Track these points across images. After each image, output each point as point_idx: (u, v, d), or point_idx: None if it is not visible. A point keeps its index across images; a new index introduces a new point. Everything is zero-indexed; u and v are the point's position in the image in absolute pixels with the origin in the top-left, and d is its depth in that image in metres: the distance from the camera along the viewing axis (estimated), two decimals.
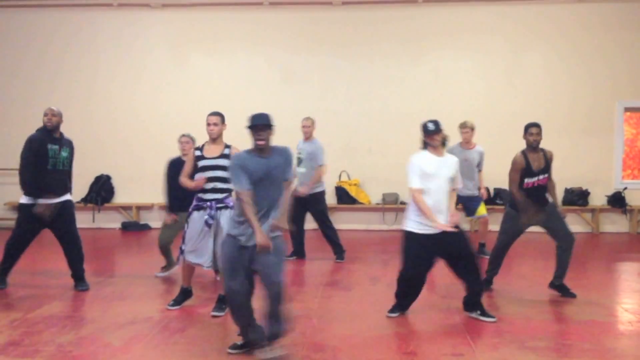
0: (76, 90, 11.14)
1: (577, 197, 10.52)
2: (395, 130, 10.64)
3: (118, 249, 9.23)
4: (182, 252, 5.46)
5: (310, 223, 8.13)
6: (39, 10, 11.18)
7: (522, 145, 10.92)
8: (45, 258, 7.76)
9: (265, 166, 4.15)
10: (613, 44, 10.63)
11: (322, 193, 7.89)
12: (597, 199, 10.66)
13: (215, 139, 5.34)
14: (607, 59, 10.63)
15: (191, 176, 5.41)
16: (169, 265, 6.85)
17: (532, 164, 6.00)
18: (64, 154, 6.17)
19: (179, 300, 5.61)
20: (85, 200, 10.92)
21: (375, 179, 10.91)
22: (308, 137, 7.80)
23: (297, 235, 7.92)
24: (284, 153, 4.29)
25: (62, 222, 6.23)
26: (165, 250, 6.80)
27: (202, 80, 11.08)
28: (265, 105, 10.60)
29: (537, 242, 9.77)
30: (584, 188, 10.60)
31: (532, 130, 6.03)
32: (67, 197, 6.26)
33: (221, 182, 5.29)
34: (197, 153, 5.38)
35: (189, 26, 11.13)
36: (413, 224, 5.05)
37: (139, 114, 10.99)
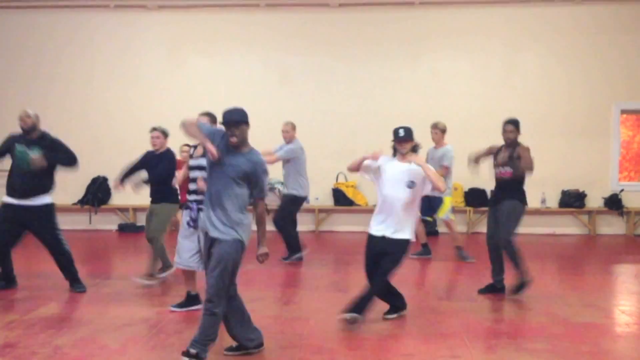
0: (73, 91, 11.13)
1: (574, 199, 10.54)
2: (390, 131, 10.62)
3: (115, 251, 9.21)
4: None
5: (303, 225, 8.12)
6: (35, 12, 11.18)
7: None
8: (42, 260, 7.73)
9: (229, 158, 4.05)
10: (609, 46, 10.67)
11: (298, 198, 7.85)
12: (594, 200, 10.68)
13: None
14: (604, 61, 10.66)
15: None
16: (165, 267, 6.77)
17: (499, 156, 6.19)
18: (33, 155, 5.99)
19: (182, 304, 5.57)
20: (81, 201, 10.89)
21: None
22: (288, 141, 7.89)
23: (292, 235, 7.91)
24: (252, 161, 4.09)
25: (38, 226, 6.15)
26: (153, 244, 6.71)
27: (199, 82, 11.07)
28: (262, 107, 10.73)
29: (533, 244, 9.81)
30: (580, 190, 10.62)
31: (505, 128, 6.18)
32: (41, 199, 6.12)
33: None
34: (190, 152, 5.40)
35: (186, 28, 11.13)
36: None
37: (135, 115, 10.97)
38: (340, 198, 10.78)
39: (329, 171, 10.60)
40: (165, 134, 6.66)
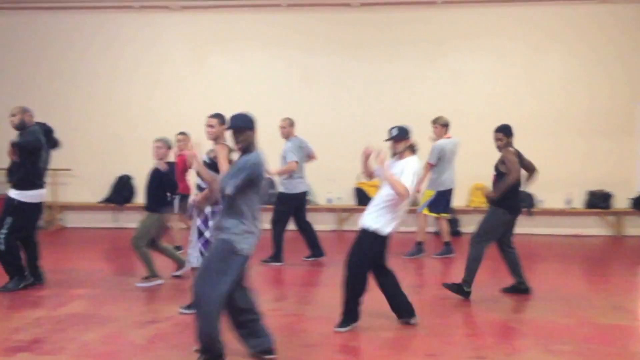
0: (96, 91, 11.26)
1: (600, 200, 10.39)
2: (413, 131, 10.59)
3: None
4: None
5: (325, 224, 8.12)
6: (58, 13, 11.30)
7: (540, 147, 10.86)
8: (69, 257, 7.86)
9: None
10: (631, 46, 10.50)
11: (291, 196, 7.76)
12: (620, 201, 10.51)
13: (213, 140, 5.37)
14: (625, 61, 10.49)
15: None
16: (179, 266, 6.87)
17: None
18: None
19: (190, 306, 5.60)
20: (107, 200, 11.02)
21: None
22: (285, 137, 7.80)
23: (308, 236, 7.91)
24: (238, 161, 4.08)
25: None
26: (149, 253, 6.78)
27: (220, 82, 11.14)
28: (282, 107, 10.77)
29: (558, 244, 9.71)
30: (606, 191, 10.47)
31: (494, 135, 6.31)
32: (10, 192, 6.21)
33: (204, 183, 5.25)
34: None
35: (208, 28, 11.20)
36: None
37: (158, 115, 11.06)
38: (362, 197, 10.75)
39: (350, 171, 10.56)
40: (168, 146, 6.74)
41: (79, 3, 11.22)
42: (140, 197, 11.15)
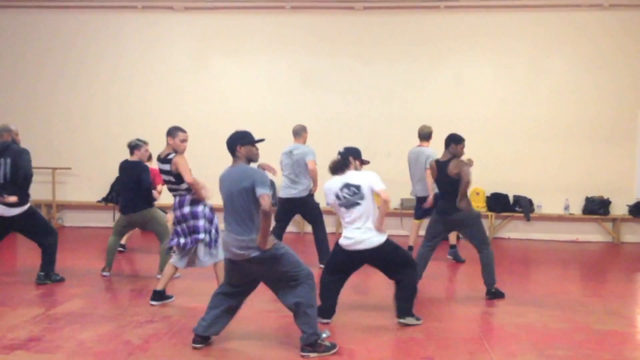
0: (97, 90, 11.29)
1: (598, 206, 10.40)
2: (415, 134, 10.61)
3: (137, 248, 9.30)
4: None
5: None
6: (61, 12, 11.33)
7: (544, 152, 10.86)
8: (66, 256, 7.88)
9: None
10: (637, 52, 10.51)
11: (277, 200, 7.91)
12: (618, 208, 10.53)
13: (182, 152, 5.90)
14: (631, 67, 10.51)
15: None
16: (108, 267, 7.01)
17: None
18: None
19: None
20: (106, 199, 11.03)
21: (394, 184, 10.82)
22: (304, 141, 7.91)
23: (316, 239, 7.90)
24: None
25: None
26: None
27: (222, 83, 11.17)
28: (285, 109, 10.80)
29: (555, 250, 9.72)
30: (605, 197, 10.48)
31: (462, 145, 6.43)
32: None
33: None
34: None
35: (211, 29, 11.22)
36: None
37: (158, 115, 11.10)
38: None
39: None
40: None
41: (82, 3, 11.25)
42: None
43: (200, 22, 11.25)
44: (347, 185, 5.07)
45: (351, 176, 5.12)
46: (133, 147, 6.93)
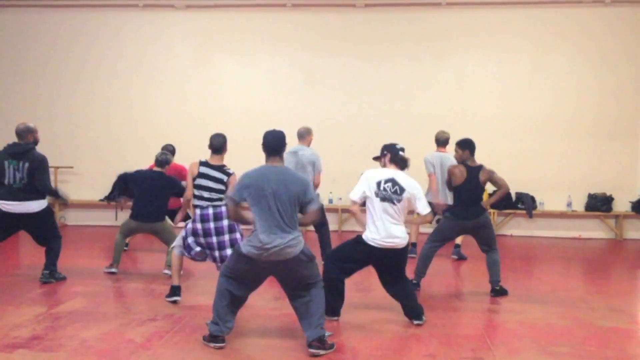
0: (99, 89, 11.30)
1: (601, 203, 10.39)
2: (418, 132, 10.61)
3: (139, 247, 9.31)
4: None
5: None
6: (62, 11, 11.34)
7: (546, 148, 10.83)
8: (69, 255, 7.88)
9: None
10: (639, 48, 10.48)
11: None
12: (621, 205, 10.52)
13: None
14: (633, 63, 10.49)
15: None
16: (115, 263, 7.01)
17: None
18: None
19: None
20: (107, 198, 11.01)
21: None
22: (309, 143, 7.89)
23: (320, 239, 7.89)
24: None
25: None
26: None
27: (224, 81, 11.16)
28: (287, 107, 10.78)
29: (558, 247, 9.70)
30: (607, 194, 10.46)
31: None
32: None
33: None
34: None
35: (212, 27, 11.21)
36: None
37: (160, 114, 11.11)
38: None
39: (353, 171, 10.52)
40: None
41: (83, 1, 11.26)
42: None
43: (201, 20, 11.24)
44: (394, 182, 5.06)
45: (401, 177, 5.12)
46: (164, 162, 6.88)
